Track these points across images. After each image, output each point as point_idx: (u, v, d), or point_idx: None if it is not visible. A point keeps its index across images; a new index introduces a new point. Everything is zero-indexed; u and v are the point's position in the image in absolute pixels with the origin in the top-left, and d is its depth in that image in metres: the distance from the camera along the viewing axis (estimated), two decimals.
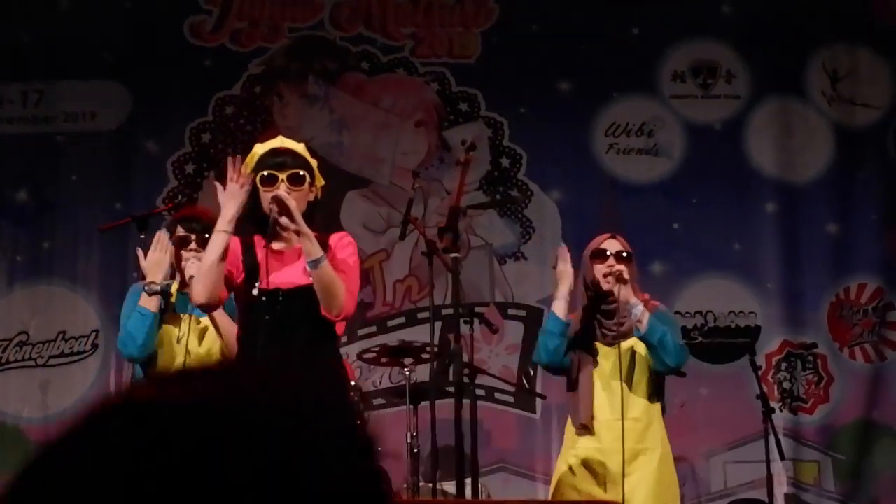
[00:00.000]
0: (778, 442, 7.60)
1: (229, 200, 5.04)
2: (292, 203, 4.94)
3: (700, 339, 9.81)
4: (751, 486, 9.21)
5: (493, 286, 9.83)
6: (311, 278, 4.99)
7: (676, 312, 9.69)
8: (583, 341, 6.12)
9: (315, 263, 4.92)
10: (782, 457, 7.92)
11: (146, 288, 5.90)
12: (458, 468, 5.56)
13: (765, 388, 7.96)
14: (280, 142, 5.30)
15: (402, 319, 9.82)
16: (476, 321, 7.36)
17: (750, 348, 8.34)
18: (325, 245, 5.08)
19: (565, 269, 6.10)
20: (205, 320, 5.89)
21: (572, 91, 10.18)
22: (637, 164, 10.16)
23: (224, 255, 4.98)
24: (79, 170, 10.01)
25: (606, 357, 6.09)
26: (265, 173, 5.09)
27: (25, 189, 10.00)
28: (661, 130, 10.22)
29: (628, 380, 6.09)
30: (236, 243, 5.19)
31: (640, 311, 6.00)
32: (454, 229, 5.47)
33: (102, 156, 10.03)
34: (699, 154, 10.14)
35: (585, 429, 6.00)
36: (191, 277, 5.56)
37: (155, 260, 5.97)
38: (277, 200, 4.97)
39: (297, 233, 4.96)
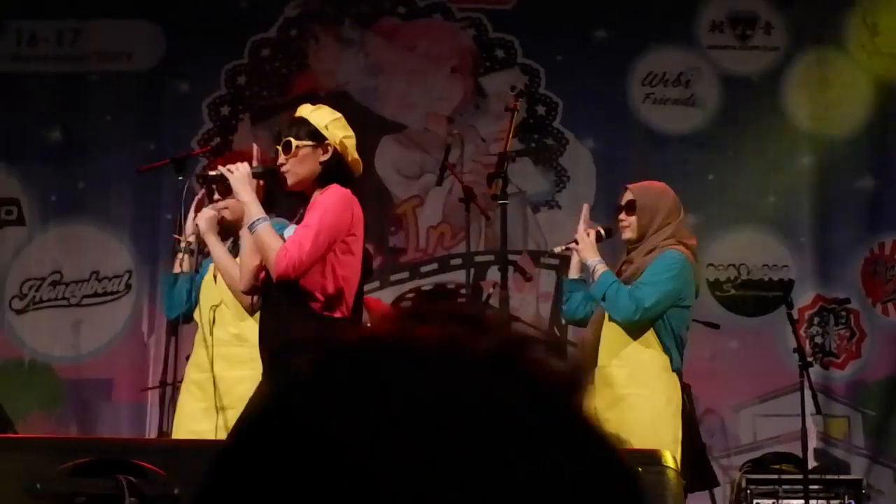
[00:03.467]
0: (815, 396, 7.57)
1: (239, 187, 5.13)
2: (231, 175, 5.15)
3: (733, 291, 9.78)
4: (779, 441, 9.19)
5: (526, 234, 9.80)
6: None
7: (709, 264, 9.67)
8: None
9: (250, 228, 5.06)
10: (818, 411, 7.88)
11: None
12: None
13: (802, 342, 7.92)
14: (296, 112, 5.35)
15: (434, 265, 9.79)
16: (510, 269, 7.34)
17: (786, 301, 8.25)
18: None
19: (585, 238, 6.09)
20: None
21: (609, 39, 10.10)
22: (673, 115, 10.10)
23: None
24: (112, 110, 9.98)
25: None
26: (275, 148, 5.22)
27: (59, 128, 9.97)
28: (698, 81, 10.14)
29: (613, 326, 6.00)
30: None
31: (592, 265, 5.96)
32: (504, 175, 5.42)
33: (136, 96, 10.01)
34: (735, 106, 10.06)
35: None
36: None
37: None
38: (217, 175, 5.34)
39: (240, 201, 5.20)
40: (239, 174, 5.10)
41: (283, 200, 5.64)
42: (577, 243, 5.99)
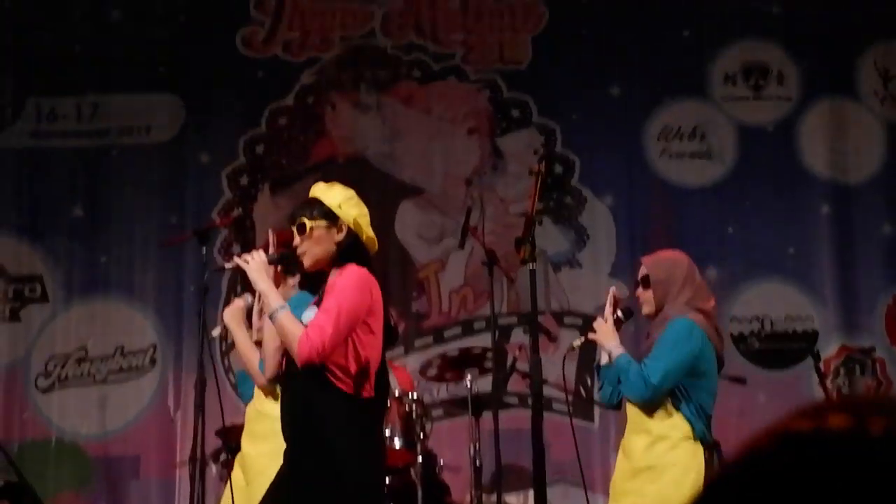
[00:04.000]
0: None
1: (256, 276, 5.07)
2: (247, 266, 5.09)
3: (758, 344, 9.76)
4: None
5: (548, 294, 9.78)
6: None
7: (733, 318, 9.67)
8: None
9: (270, 317, 4.98)
10: None
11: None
12: (539, 483, 5.51)
13: (829, 394, 7.90)
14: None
15: (458, 329, 9.78)
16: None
17: (813, 353, 8.24)
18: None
19: (604, 327, 6.01)
20: None
21: (624, 95, 10.14)
22: (690, 168, 10.11)
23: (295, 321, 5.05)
24: (133, 183, 10.02)
25: None
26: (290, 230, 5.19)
27: (81, 203, 10.00)
28: (714, 133, 10.17)
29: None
30: None
31: (608, 349, 5.91)
32: (531, 239, 5.42)
33: (156, 168, 10.05)
34: (752, 156, 10.09)
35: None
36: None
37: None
38: (234, 267, 5.23)
39: (259, 290, 5.14)
40: (254, 263, 5.07)
41: None
42: (594, 331, 5.92)
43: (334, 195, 5.15)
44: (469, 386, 7.91)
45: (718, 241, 9.85)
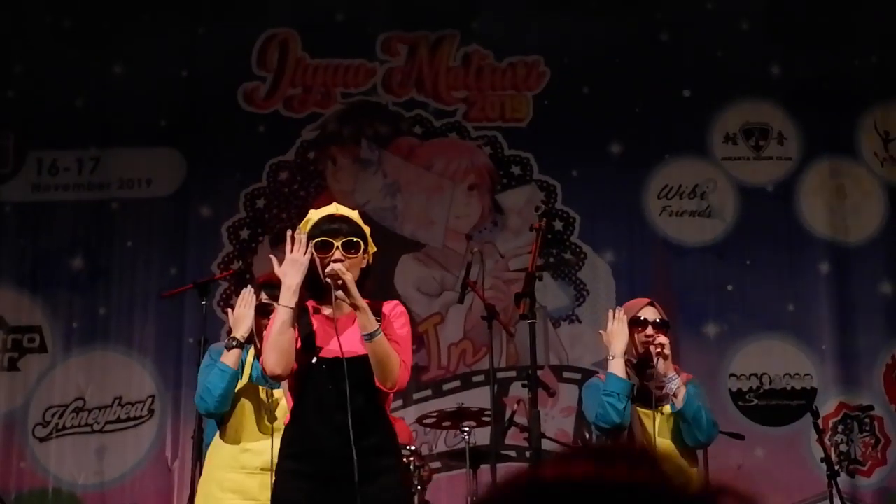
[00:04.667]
0: None
1: (291, 270, 4.93)
2: (348, 276, 4.85)
3: (756, 401, 9.76)
4: None
5: (547, 349, 9.80)
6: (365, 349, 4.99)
7: (731, 375, 9.70)
8: (638, 401, 6.06)
9: (370, 336, 4.84)
10: None
11: (226, 342, 5.89)
12: None
13: (828, 451, 7.90)
14: (335, 208, 5.22)
15: (457, 383, 9.80)
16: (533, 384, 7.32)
17: (812, 410, 8.26)
18: (378, 312, 5.02)
19: (619, 328, 6.05)
20: (278, 392, 5.87)
21: (624, 153, 10.19)
22: (690, 226, 10.15)
23: (293, 326, 4.93)
24: (134, 236, 10.06)
25: (647, 418, 6.04)
26: (320, 240, 4.99)
27: (81, 255, 10.03)
28: (714, 192, 10.21)
29: (674, 442, 6.04)
30: None
31: (676, 384, 5.94)
32: (531, 294, 5.44)
33: (157, 222, 10.09)
34: (752, 216, 10.13)
35: None
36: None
37: (240, 315, 5.93)
38: (332, 275, 4.91)
39: (354, 306, 4.94)
40: (350, 276, 4.92)
41: None
42: (664, 357, 5.99)
43: (362, 222, 5.16)
44: (467, 438, 7.93)
45: (718, 298, 9.88)
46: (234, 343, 5.85)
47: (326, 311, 5.07)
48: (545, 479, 1.02)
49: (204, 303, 7.14)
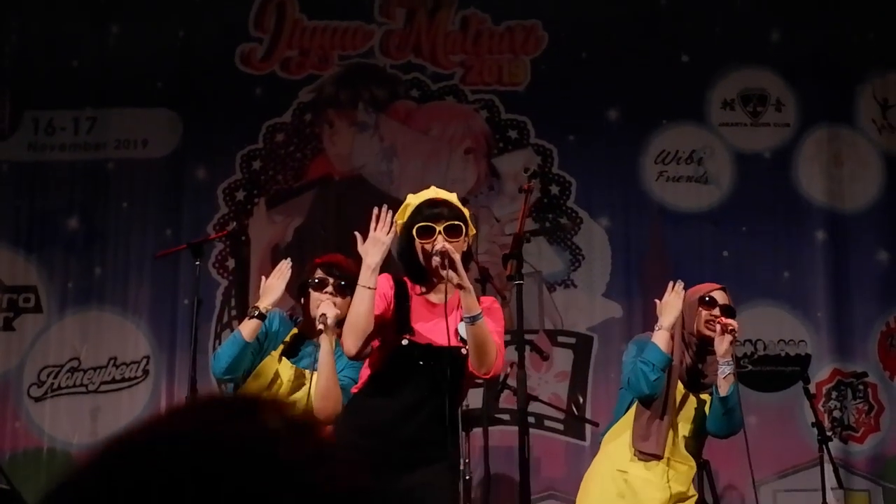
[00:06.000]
0: (836, 470, 7.55)
1: (373, 248, 4.90)
2: (457, 257, 4.87)
3: (750, 367, 9.76)
4: None
5: (542, 313, 9.80)
6: (459, 341, 4.97)
7: None
8: (686, 378, 6.07)
9: (473, 319, 4.87)
10: (840, 485, 7.87)
11: (249, 310, 5.84)
12: (523, 498, 5.51)
13: (820, 416, 7.91)
14: (434, 192, 5.18)
15: None
16: (527, 348, 7.33)
17: (803, 376, 8.27)
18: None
19: (674, 301, 6.05)
20: (304, 372, 5.82)
21: (621, 118, 10.16)
22: (686, 192, 10.13)
23: (372, 307, 4.91)
24: (130, 197, 10.06)
25: (682, 396, 6.04)
26: (422, 224, 5.00)
27: (77, 216, 10.04)
28: (711, 158, 10.19)
29: (698, 427, 6.07)
30: (389, 283, 5.11)
31: (730, 369, 5.96)
32: (519, 256, 5.42)
33: (153, 183, 10.08)
34: (748, 182, 10.11)
35: (652, 457, 5.93)
36: (322, 315, 5.50)
37: (269, 286, 5.83)
38: (443, 253, 4.89)
39: (460, 286, 4.91)
40: (458, 256, 4.96)
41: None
42: (733, 340, 6.02)
43: (461, 207, 5.15)
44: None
45: (713, 265, 9.85)
46: (256, 313, 5.75)
47: (431, 297, 5.07)
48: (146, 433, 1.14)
49: (198, 263, 7.12)
